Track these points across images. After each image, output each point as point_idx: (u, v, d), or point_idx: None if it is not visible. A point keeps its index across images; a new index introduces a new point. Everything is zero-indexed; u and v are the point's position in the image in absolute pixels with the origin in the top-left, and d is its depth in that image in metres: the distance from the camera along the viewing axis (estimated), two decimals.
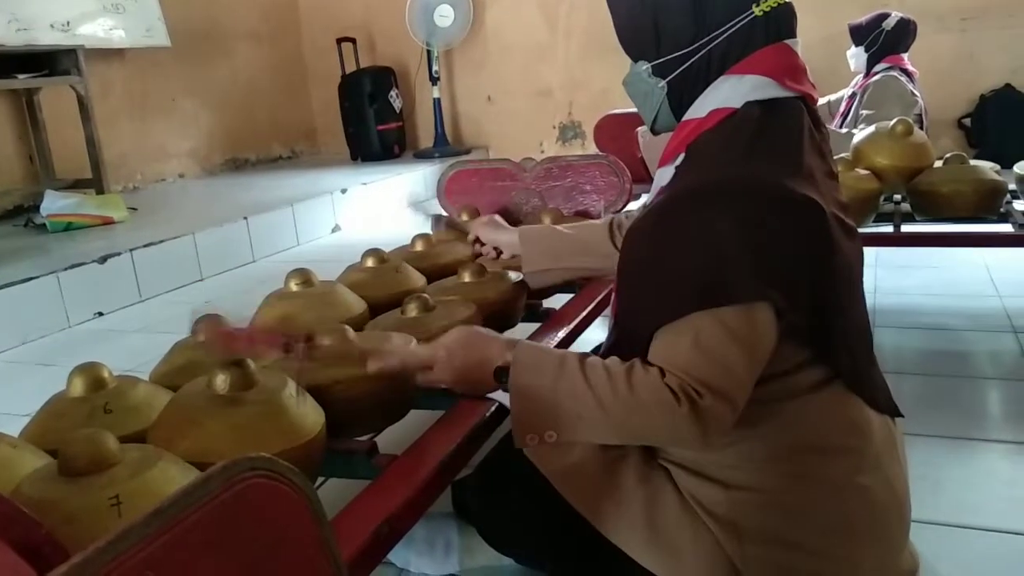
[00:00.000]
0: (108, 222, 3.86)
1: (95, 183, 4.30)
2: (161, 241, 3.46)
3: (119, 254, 3.24)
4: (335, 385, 1.14)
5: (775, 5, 0.99)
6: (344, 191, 4.68)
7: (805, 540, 1.02)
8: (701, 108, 1.03)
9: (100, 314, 3.09)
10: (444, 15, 5.72)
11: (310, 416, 1.01)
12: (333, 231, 4.54)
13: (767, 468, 1.03)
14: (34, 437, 1.01)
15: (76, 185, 4.31)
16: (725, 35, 0.99)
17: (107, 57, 4.86)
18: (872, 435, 1.07)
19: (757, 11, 0.99)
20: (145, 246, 3.37)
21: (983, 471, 1.64)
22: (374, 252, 1.70)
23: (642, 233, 1.00)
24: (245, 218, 3.95)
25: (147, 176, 5.27)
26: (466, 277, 1.56)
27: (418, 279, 1.65)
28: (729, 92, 1.01)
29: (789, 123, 1.00)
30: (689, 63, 1.01)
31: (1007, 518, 1.44)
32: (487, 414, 1.24)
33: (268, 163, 6.23)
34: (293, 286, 1.47)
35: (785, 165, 0.96)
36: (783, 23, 1.01)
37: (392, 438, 1.26)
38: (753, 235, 0.92)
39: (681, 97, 1.04)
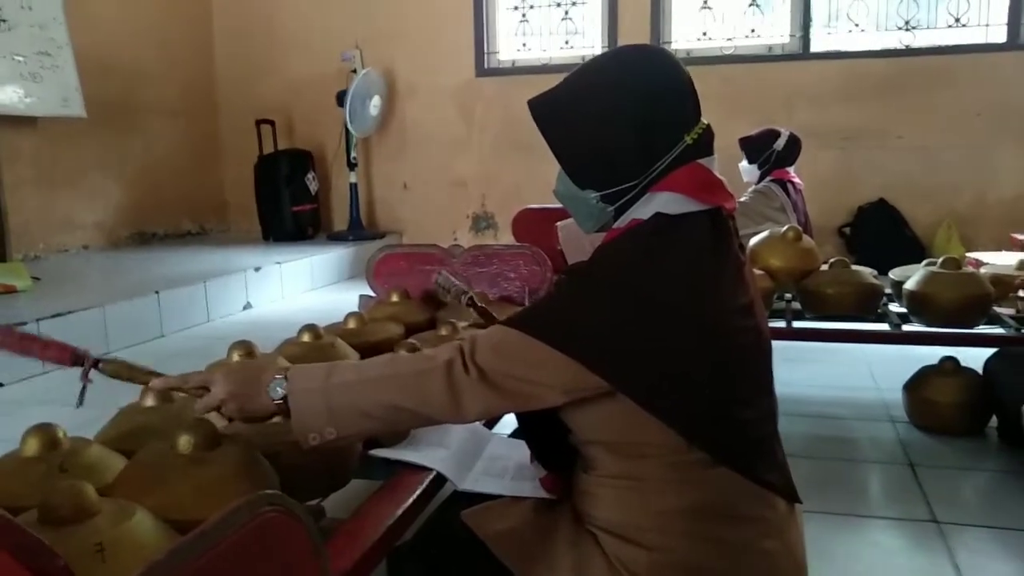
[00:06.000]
0: (10, 291, 3.76)
1: None
2: (69, 312, 3.39)
3: (24, 323, 3.15)
4: (279, 452, 1.20)
5: (701, 131, 1.16)
6: (258, 269, 4.68)
7: None
8: (626, 218, 1.19)
9: (0, 384, 2.98)
10: (376, 105, 5.96)
11: (268, 477, 1.06)
12: (245, 309, 4.53)
13: (682, 531, 1.14)
14: None
15: None
16: (665, 163, 1.15)
17: (18, 124, 4.79)
18: (777, 505, 1.20)
19: (688, 139, 1.15)
20: (52, 316, 3.29)
21: (867, 543, 1.83)
22: (310, 328, 1.76)
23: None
24: (156, 292, 3.91)
25: (50, 246, 5.14)
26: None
27: (353, 355, 1.72)
28: (647, 206, 1.16)
29: (682, 235, 1.14)
30: (635, 191, 1.16)
31: None
32: (426, 482, 1.33)
33: (176, 238, 6.17)
34: (236, 357, 1.52)
35: (657, 268, 1.12)
36: (704, 144, 1.17)
37: (332, 507, 1.31)
38: (588, 307, 1.10)
39: (621, 214, 1.19)
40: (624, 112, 1.14)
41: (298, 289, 5.01)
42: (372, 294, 2.40)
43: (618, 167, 1.16)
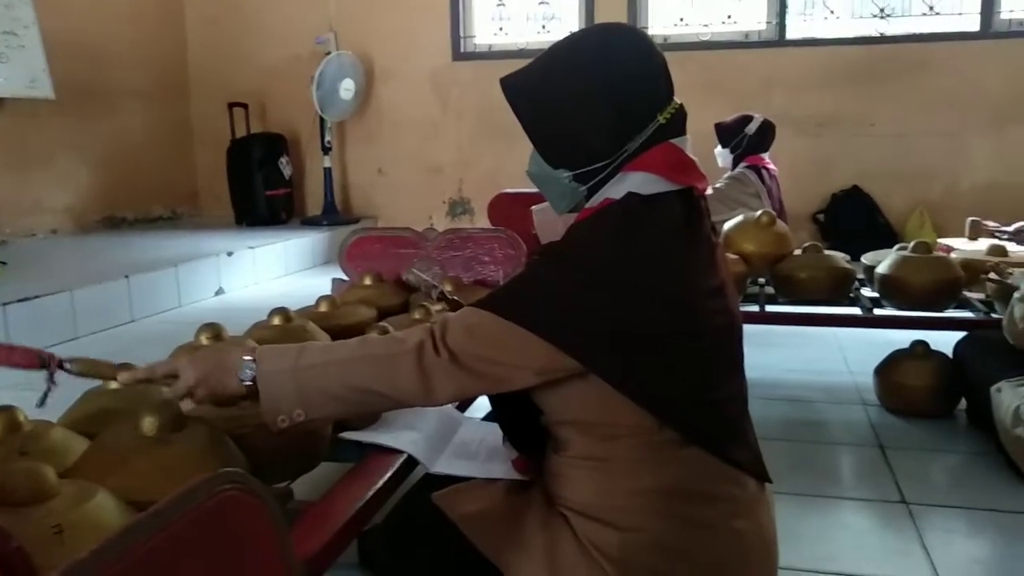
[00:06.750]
0: None
1: None
2: (36, 296, 3.33)
3: None
4: (247, 434, 1.18)
5: (674, 111, 1.15)
6: (230, 254, 4.63)
7: None
8: (598, 198, 1.18)
9: None
10: (348, 88, 5.85)
11: (234, 459, 1.05)
12: (217, 294, 4.47)
13: (652, 511, 1.14)
14: None
15: None
16: (637, 143, 1.14)
17: None
18: (747, 484, 1.20)
19: (661, 119, 1.14)
20: (18, 301, 3.23)
21: (837, 524, 1.85)
22: (281, 311, 1.74)
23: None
24: (126, 276, 3.85)
25: (17, 230, 5.04)
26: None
27: (325, 339, 1.70)
28: (619, 186, 1.16)
29: (655, 215, 1.13)
30: (607, 171, 1.15)
31: (859, 564, 1.65)
32: (397, 464, 1.31)
33: (147, 223, 6.07)
34: (204, 339, 1.49)
35: (630, 248, 1.11)
36: (677, 125, 1.17)
37: (301, 490, 1.30)
38: (560, 287, 1.09)
39: (593, 194, 1.18)
40: (596, 91, 1.13)
41: (271, 274, 4.96)
42: (345, 278, 2.37)
43: (590, 146, 1.15)
